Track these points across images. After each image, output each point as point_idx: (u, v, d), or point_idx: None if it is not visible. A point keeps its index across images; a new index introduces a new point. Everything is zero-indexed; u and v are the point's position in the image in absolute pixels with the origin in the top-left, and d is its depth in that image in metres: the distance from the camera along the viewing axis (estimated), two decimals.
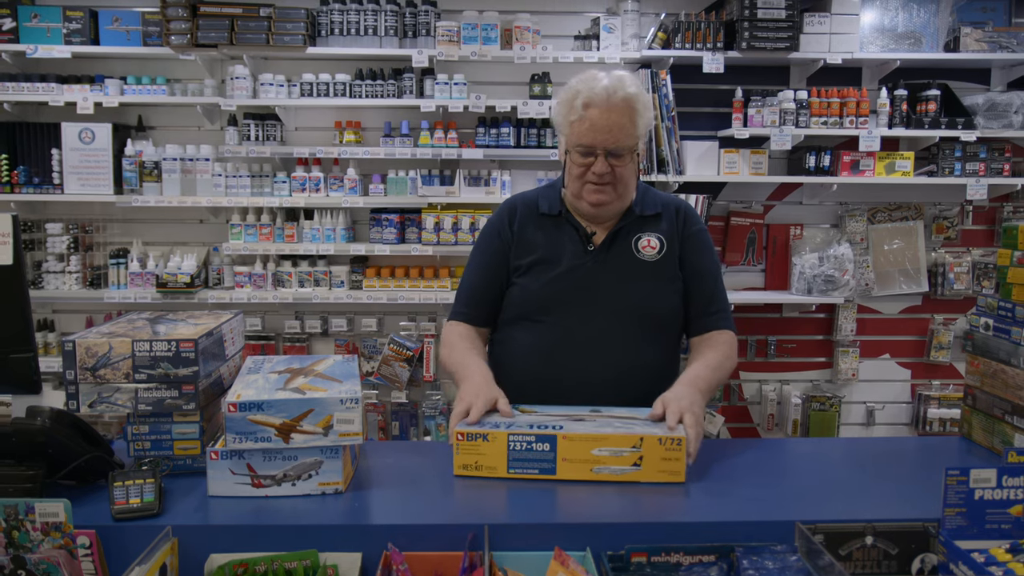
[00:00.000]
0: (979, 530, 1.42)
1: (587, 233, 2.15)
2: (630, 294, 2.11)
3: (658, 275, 2.15)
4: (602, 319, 2.10)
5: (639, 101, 2.05)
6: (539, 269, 2.15)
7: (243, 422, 1.57)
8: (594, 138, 2.03)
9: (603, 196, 2.08)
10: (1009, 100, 4.18)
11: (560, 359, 2.09)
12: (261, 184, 4.21)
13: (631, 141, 2.05)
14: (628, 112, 2.03)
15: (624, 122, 2.03)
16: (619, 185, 2.08)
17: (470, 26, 4.07)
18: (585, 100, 2.03)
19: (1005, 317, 1.92)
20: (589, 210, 2.13)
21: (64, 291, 4.19)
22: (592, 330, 2.09)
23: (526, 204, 2.24)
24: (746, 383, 4.63)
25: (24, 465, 1.51)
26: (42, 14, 4.03)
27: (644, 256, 2.14)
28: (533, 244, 2.17)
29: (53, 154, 4.11)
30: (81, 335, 1.69)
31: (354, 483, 1.70)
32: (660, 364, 2.15)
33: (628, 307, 2.11)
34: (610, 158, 2.04)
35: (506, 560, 1.42)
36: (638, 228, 2.17)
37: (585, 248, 2.14)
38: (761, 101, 4.17)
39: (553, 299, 2.12)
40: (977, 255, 4.53)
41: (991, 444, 1.95)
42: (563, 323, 2.10)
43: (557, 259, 2.14)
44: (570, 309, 2.10)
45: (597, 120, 2.02)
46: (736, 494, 1.67)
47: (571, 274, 2.12)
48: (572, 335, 2.10)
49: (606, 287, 2.11)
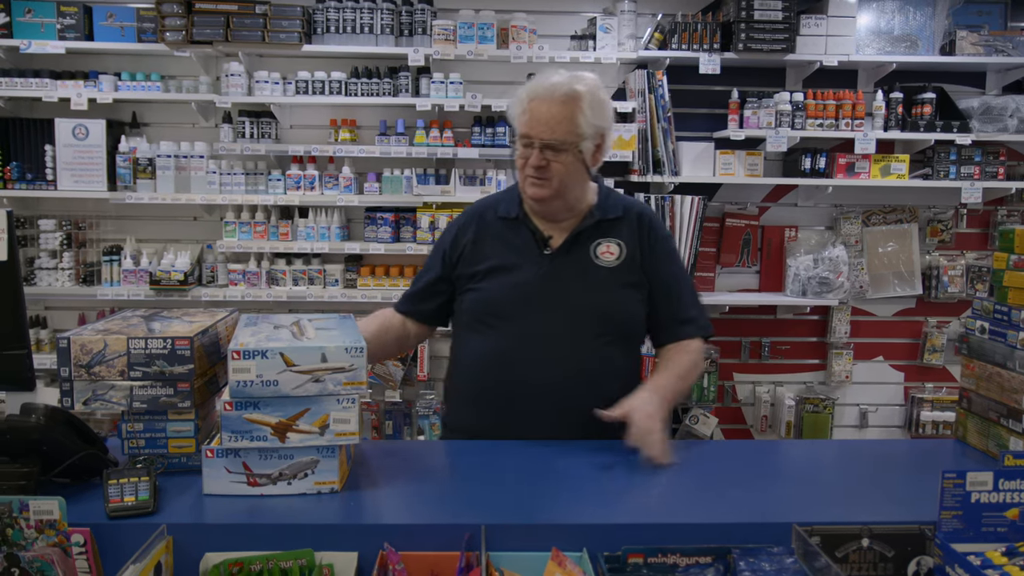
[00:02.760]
0: (975, 533, 1.42)
1: (543, 237, 2.14)
2: (586, 299, 2.10)
3: (616, 280, 2.13)
4: (558, 324, 2.08)
5: (586, 100, 2.04)
6: (495, 274, 2.14)
7: (239, 420, 1.57)
8: (531, 129, 2.04)
9: (539, 190, 2.07)
10: (1004, 104, 4.19)
11: (515, 364, 2.08)
12: (256, 182, 4.19)
13: (571, 137, 2.04)
14: (570, 107, 2.03)
15: (564, 116, 2.02)
16: (555, 180, 2.05)
17: (466, 25, 4.06)
18: (530, 94, 2.06)
19: (1001, 320, 1.92)
20: (531, 204, 2.14)
21: (57, 288, 4.17)
22: (547, 335, 2.08)
23: (487, 208, 2.25)
24: (740, 384, 4.64)
25: (18, 463, 1.50)
26: (36, 9, 4.01)
27: (602, 262, 2.13)
28: (490, 251, 2.17)
29: (46, 150, 4.09)
30: (76, 332, 1.68)
31: (350, 482, 1.69)
32: (617, 370, 2.13)
33: (584, 312, 2.09)
34: (547, 151, 2.03)
35: (503, 560, 1.41)
36: (597, 233, 2.15)
37: (541, 252, 2.13)
38: (757, 103, 4.17)
39: (509, 303, 2.11)
40: (971, 258, 4.54)
41: (986, 447, 1.95)
42: (519, 328, 2.09)
43: (513, 264, 2.14)
44: (526, 313, 2.09)
45: (536, 111, 2.03)
46: (733, 496, 1.67)
47: (527, 279, 2.11)
48: (527, 340, 2.08)
49: (562, 292, 2.10)
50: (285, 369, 1.57)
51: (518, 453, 1.91)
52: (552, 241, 2.14)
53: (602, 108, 2.10)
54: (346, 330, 1.74)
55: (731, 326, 4.57)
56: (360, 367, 1.60)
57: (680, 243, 4.14)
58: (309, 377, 1.58)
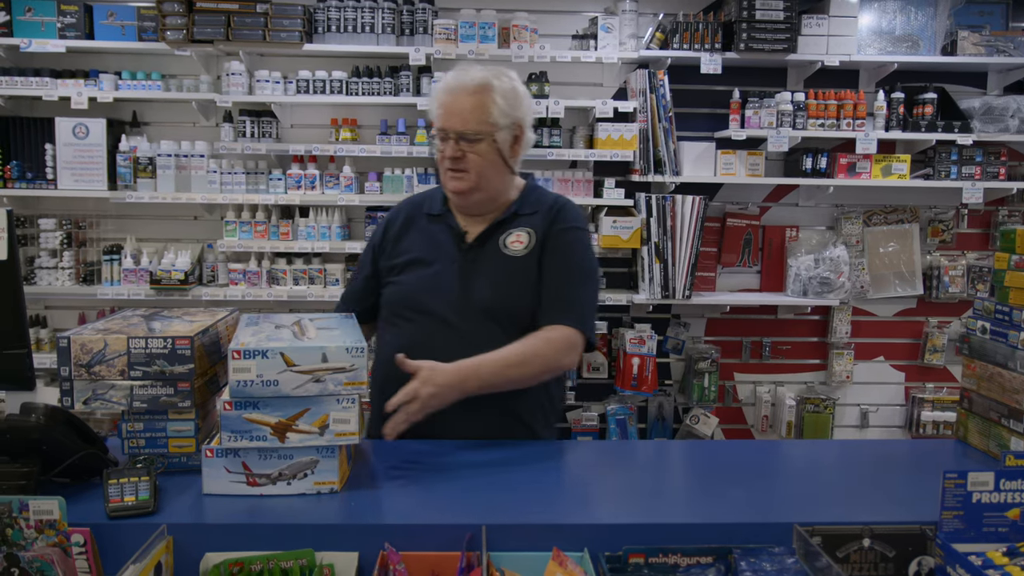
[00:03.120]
0: (976, 533, 1.42)
1: (460, 232, 2.16)
2: (495, 292, 2.10)
3: (525, 271, 2.12)
4: (468, 317, 2.09)
5: (498, 91, 2.07)
6: (412, 268, 2.17)
7: (238, 420, 1.57)
8: (445, 121, 2.07)
9: (458, 183, 2.09)
10: (1006, 104, 4.19)
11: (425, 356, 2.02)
12: (256, 181, 4.19)
13: (484, 127, 2.06)
14: (481, 97, 2.06)
15: (475, 106, 2.05)
16: (473, 173, 2.08)
17: (468, 24, 4.06)
18: (443, 87, 2.10)
19: (1002, 320, 1.92)
20: (452, 198, 2.16)
21: (57, 287, 4.16)
22: (458, 328, 2.09)
23: (414, 205, 2.28)
24: (741, 384, 4.64)
25: (18, 462, 1.50)
26: (36, 8, 4.01)
27: (511, 252, 2.14)
28: (411, 245, 2.20)
29: (47, 149, 4.09)
30: (76, 331, 1.68)
31: (350, 482, 1.69)
32: None
33: (493, 305, 2.10)
34: (462, 142, 2.06)
35: (504, 560, 1.41)
36: (512, 225, 2.17)
37: (458, 246, 2.15)
38: (758, 102, 4.17)
39: (422, 297, 2.13)
40: (972, 258, 4.54)
41: (987, 447, 1.95)
42: (431, 321, 2.11)
43: (430, 259, 2.16)
44: (439, 306, 2.11)
45: (449, 104, 2.07)
46: (734, 496, 1.66)
47: (441, 273, 2.14)
48: (439, 333, 2.09)
49: (472, 285, 2.11)
50: (286, 369, 1.57)
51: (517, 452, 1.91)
52: (468, 235, 2.16)
53: (518, 100, 2.12)
54: (347, 330, 1.74)
55: (732, 326, 4.57)
56: (361, 367, 1.60)
57: (681, 243, 4.13)
58: (310, 377, 1.58)
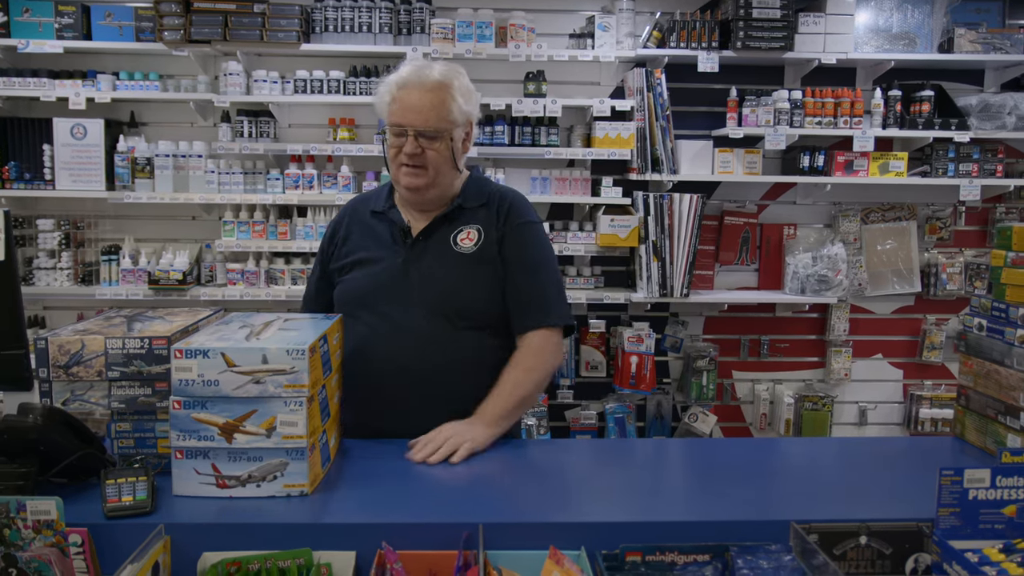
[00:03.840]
0: (973, 530, 1.42)
1: (404, 227, 2.15)
2: (443, 286, 2.09)
3: (473, 266, 2.12)
4: (416, 312, 2.08)
5: (455, 87, 2.07)
6: (358, 267, 2.17)
7: (187, 419, 1.55)
8: (403, 117, 2.05)
9: (415, 179, 2.08)
10: (1002, 101, 4.19)
11: (375, 354, 2.07)
12: (254, 181, 4.19)
13: (443, 124, 2.06)
14: (441, 95, 2.05)
15: (435, 103, 2.04)
16: (431, 169, 2.07)
17: (465, 23, 4.06)
18: (399, 82, 2.07)
19: (999, 318, 1.92)
20: (406, 195, 2.14)
21: (55, 288, 4.17)
22: (409, 324, 2.07)
23: (360, 203, 2.28)
24: (739, 382, 4.64)
25: (16, 462, 1.50)
26: (34, 8, 4.01)
27: (461, 248, 2.13)
28: (357, 244, 2.19)
29: (45, 150, 4.09)
30: (54, 333, 1.68)
31: (348, 481, 1.69)
32: (478, 359, 2.09)
33: (441, 300, 2.08)
34: (421, 139, 2.04)
35: (501, 559, 1.41)
36: (459, 219, 2.16)
37: (403, 242, 2.14)
38: (756, 101, 4.17)
39: (369, 294, 2.12)
40: (970, 256, 4.54)
41: (984, 444, 1.96)
42: (381, 318, 2.09)
43: (376, 256, 2.15)
44: (387, 303, 2.10)
45: (407, 100, 2.04)
46: (731, 494, 1.67)
47: (386, 269, 2.12)
48: (387, 329, 2.08)
49: (419, 280, 2.10)
50: (226, 369, 1.55)
51: (514, 451, 1.91)
52: (413, 230, 2.15)
53: (471, 96, 2.13)
54: (305, 332, 1.70)
55: (730, 324, 4.58)
56: (302, 369, 1.56)
57: (679, 241, 4.14)
58: (250, 378, 1.55)
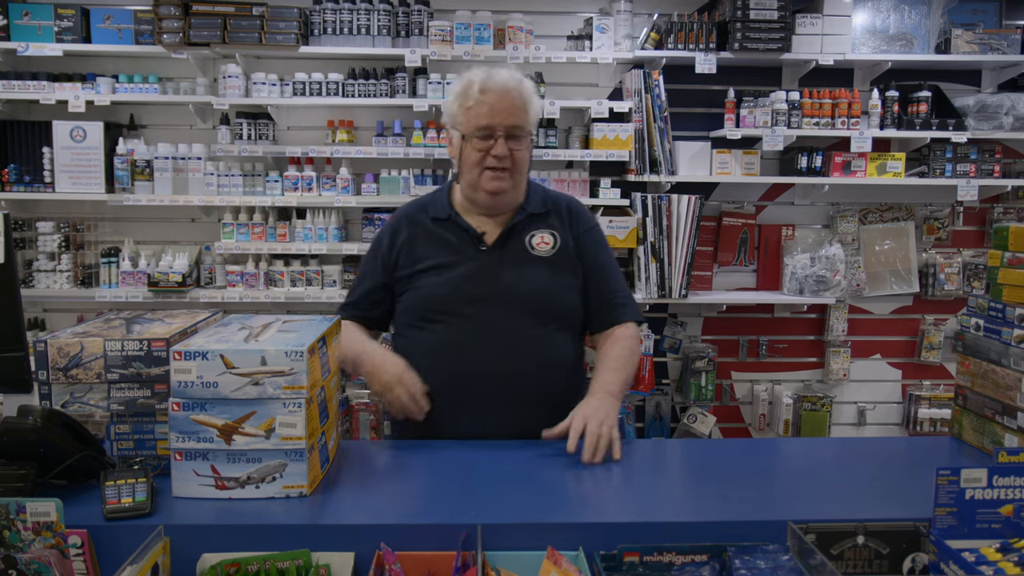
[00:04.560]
0: (970, 529, 1.43)
1: (477, 233, 2.18)
2: (528, 289, 2.13)
3: (554, 270, 2.17)
4: (500, 315, 2.11)
5: (530, 88, 2.15)
6: (434, 273, 2.17)
7: (186, 421, 1.56)
8: (493, 119, 2.07)
9: (501, 183, 2.11)
10: (1000, 102, 4.20)
11: (462, 357, 2.10)
12: (253, 183, 4.20)
13: (528, 125, 2.12)
14: (523, 95, 2.11)
15: (522, 104, 2.10)
16: (516, 172, 2.12)
17: (463, 26, 4.07)
18: (481, 86, 2.10)
19: (995, 318, 1.93)
20: (486, 200, 2.15)
21: (55, 290, 4.17)
22: (491, 327, 2.10)
23: (417, 213, 2.27)
24: (738, 383, 4.64)
25: (15, 464, 1.51)
26: (33, 12, 4.01)
27: (538, 252, 2.18)
28: (425, 251, 2.19)
29: (44, 152, 4.09)
30: (53, 335, 1.68)
31: (346, 482, 1.69)
32: (564, 357, 2.17)
33: (527, 302, 2.13)
34: (509, 141, 2.08)
35: (499, 560, 1.42)
36: (530, 226, 2.20)
37: (477, 248, 2.17)
38: (753, 102, 4.17)
39: (452, 299, 2.13)
40: (967, 256, 4.55)
41: (981, 444, 1.96)
42: (462, 322, 2.11)
43: (451, 261, 2.16)
44: (468, 307, 2.12)
45: (495, 102, 2.07)
46: (728, 494, 1.67)
47: (467, 273, 2.14)
48: (472, 333, 2.10)
49: (503, 283, 2.13)
50: (225, 371, 1.55)
51: (514, 452, 1.91)
52: (486, 237, 2.18)
53: (538, 103, 2.20)
54: (304, 333, 1.69)
55: (728, 325, 4.58)
56: (300, 371, 1.56)
57: (677, 242, 4.14)
58: (249, 380, 1.56)
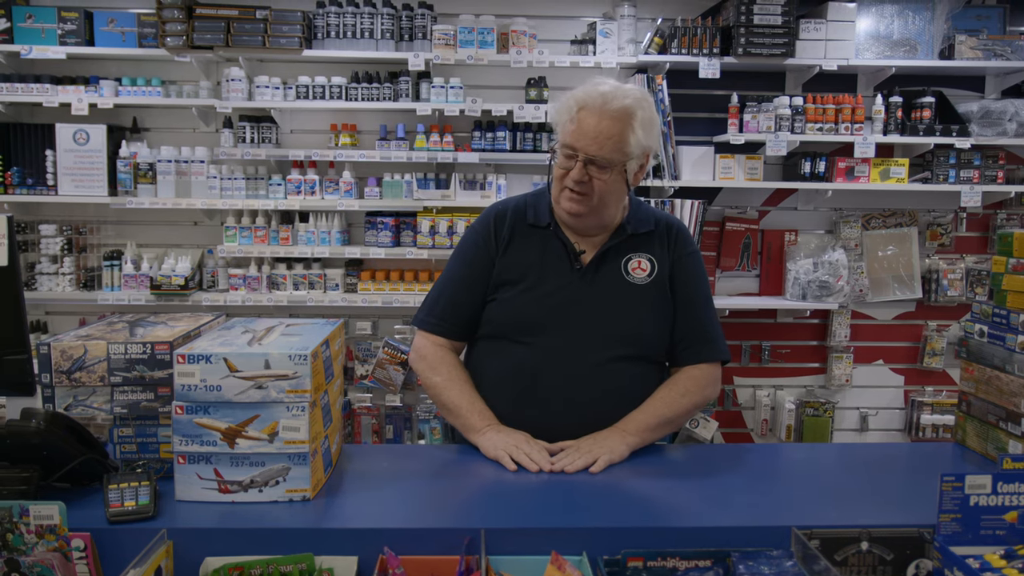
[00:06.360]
0: (974, 536, 1.42)
1: (575, 251, 2.06)
2: (616, 318, 2.03)
3: (646, 299, 2.06)
4: (585, 342, 2.01)
5: (637, 117, 1.94)
6: (523, 286, 2.05)
7: (189, 424, 1.56)
8: (577, 141, 1.93)
9: (576, 206, 1.98)
10: (1003, 108, 4.19)
11: (541, 381, 2.00)
12: (256, 186, 4.20)
13: (617, 156, 1.94)
14: (621, 124, 1.93)
15: (614, 133, 1.92)
16: (594, 198, 1.97)
17: (466, 30, 4.07)
18: (580, 103, 1.95)
19: (1000, 324, 1.93)
20: (564, 216, 2.04)
21: (57, 293, 4.18)
22: (575, 352, 2.00)
23: (514, 212, 2.13)
24: (740, 388, 4.64)
25: (18, 467, 1.51)
26: (37, 15, 4.02)
27: (634, 279, 2.06)
28: (519, 258, 2.07)
29: (47, 155, 4.10)
30: (56, 338, 1.69)
31: (350, 486, 1.69)
32: (643, 389, 2.06)
33: (613, 331, 2.02)
34: (590, 166, 1.93)
35: (502, 564, 1.42)
36: (629, 248, 2.08)
37: (572, 267, 2.05)
38: (757, 107, 4.18)
39: (537, 319, 2.02)
40: (971, 262, 4.54)
41: (985, 450, 1.96)
42: (545, 344, 2.01)
43: (543, 277, 2.05)
44: (553, 330, 2.01)
45: (585, 124, 1.93)
46: (732, 499, 1.67)
47: (556, 294, 2.03)
48: (554, 356, 2.00)
49: (591, 309, 2.03)
50: (229, 374, 1.55)
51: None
52: (584, 256, 2.06)
53: (652, 127, 1.99)
54: (307, 337, 1.69)
55: (731, 330, 4.57)
56: (304, 374, 1.56)
57: None
58: (252, 383, 1.56)
